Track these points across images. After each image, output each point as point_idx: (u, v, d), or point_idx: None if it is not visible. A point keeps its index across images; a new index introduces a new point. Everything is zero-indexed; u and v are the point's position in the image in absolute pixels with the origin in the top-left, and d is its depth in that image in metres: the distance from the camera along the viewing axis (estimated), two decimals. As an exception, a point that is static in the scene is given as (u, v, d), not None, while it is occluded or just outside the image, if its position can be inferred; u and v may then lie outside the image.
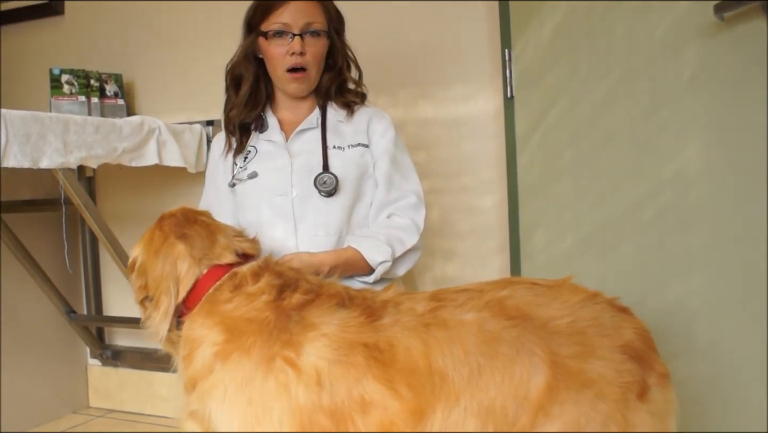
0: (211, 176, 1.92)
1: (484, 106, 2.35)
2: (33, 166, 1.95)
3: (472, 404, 1.17)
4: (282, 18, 1.71)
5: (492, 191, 2.35)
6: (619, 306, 1.30)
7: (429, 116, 2.43)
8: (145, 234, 1.45)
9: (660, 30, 1.88)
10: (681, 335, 1.87)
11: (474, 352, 1.19)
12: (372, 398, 1.17)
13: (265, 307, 1.29)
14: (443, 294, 1.31)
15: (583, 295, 1.28)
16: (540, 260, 2.13)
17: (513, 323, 1.22)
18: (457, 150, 2.40)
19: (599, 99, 2.00)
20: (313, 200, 1.72)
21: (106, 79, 2.73)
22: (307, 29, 1.72)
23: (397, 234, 1.72)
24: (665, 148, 1.89)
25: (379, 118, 1.84)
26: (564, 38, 2.05)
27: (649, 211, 1.92)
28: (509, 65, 2.17)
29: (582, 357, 1.19)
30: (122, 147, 2.26)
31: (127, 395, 3.01)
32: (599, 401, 1.17)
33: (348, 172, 1.74)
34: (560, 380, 1.17)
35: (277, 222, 1.73)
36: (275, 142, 1.80)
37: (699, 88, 1.83)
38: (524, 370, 1.18)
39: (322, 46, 1.76)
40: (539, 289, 1.29)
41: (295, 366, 1.20)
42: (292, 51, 1.71)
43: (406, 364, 1.19)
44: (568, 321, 1.23)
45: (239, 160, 1.82)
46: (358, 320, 1.25)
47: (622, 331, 1.24)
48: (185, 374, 1.31)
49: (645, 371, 1.22)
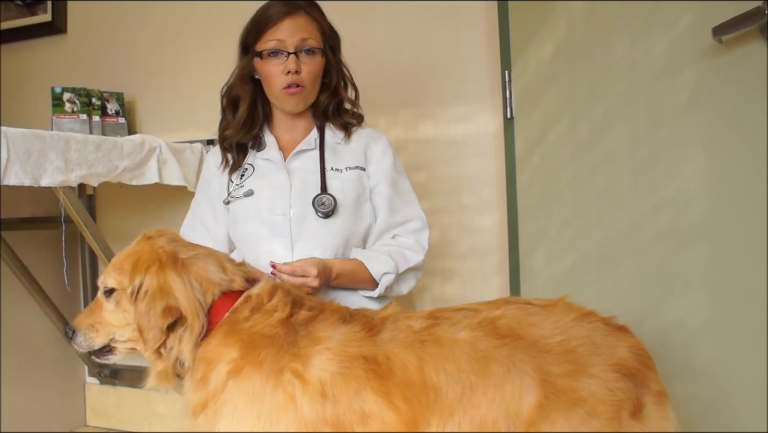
0: (203, 190, 1.90)
1: (484, 126, 2.36)
2: (34, 184, 1.95)
3: (465, 419, 1.20)
4: (276, 35, 1.71)
5: (492, 211, 2.35)
6: (615, 325, 1.32)
7: (429, 136, 2.44)
8: (135, 255, 1.36)
9: (659, 51, 1.90)
10: (680, 355, 1.86)
11: (466, 370, 1.22)
12: (371, 409, 1.20)
13: (278, 323, 1.31)
14: (440, 312, 1.34)
15: (576, 314, 1.30)
16: (540, 279, 2.13)
17: (504, 342, 1.25)
18: (457, 170, 2.40)
19: (598, 119, 2.01)
20: (310, 220, 1.72)
21: (108, 98, 2.74)
22: (302, 46, 1.72)
23: (402, 251, 1.75)
24: (664, 169, 1.90)
25: (376, 140, 1.83)
26: (563, 59, 2.07)
27: (648, 230, 1.93)
28: (509, 86, 2.19)
29: (573, 376, 1.21)
30: (123, 165, 2.26)
31: (124, 414, 2.98)
32: (591, 419, 1.19)
33: (346, 194, 1.74)
34: (551, 399, 1.19)
35: (274, 240, 1.73)
36: (273, 160, 1.80)
37: (698, 109, 1.85)
38: (515, 388, 1.20)
39: (317, 64, 1.75)
40: (532, 309, 1.31)
41: (302, 378, 1.23)
42: (287, 69, 1.71)
43: (403, 377, 1.22)
44: (559, 340, 1.25)
45: (235, 178, 1.81)
46: (358, 335, 1.29)
47: (616, 349, 1.26)
48: (196, 396, 1.29)
49: (639, 389, 1.24)
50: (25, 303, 2.76)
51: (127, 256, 1.38)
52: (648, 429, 1.22)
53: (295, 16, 1.71)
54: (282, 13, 1.71)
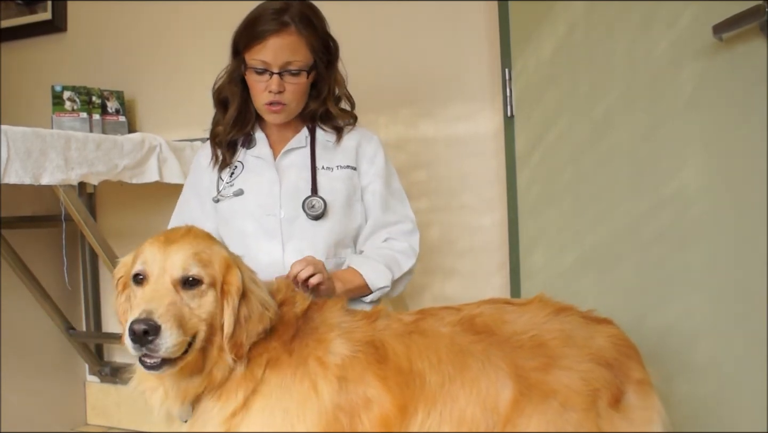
0: (193, 187, 1.88)
1: (485, 124, 2.35)
2: (34, 183, 1.95)
3: (446, 410, 1.23)
4: (261, 55, 1.68)
5: (492, 209, 2.35)
6: (594, 317, 1.35)
7: (429, 135, 2.43)
8: (215, 252, 1.28)
9: (660, 50, 1.90)
10: (680, 353, 1.86)
11: (445, 361, 1.26)
12: (372, 395, 1.24)
13: (301, 313, 1.35)
14: (428, 310, 1.41)
15: (550, 309, 1.34)
16: (540, 278, 2.13)
17: (479, 338, 1.29)
18: (457, 168, 2.40)
19: (599, 118, 2.00)
20: (300, 221, 1.72)
21: (108, 96, 2.74)
22: (286, 68, 1.69)
23: (395, 257, 1.75)
24: (665, 167, 1.90)
25: (368, 140, 1.83)
26: (564, 58, 2.06)
27: (648, 229, 1.93)
28: (509, 84, 2.19)
29: (544, 369, 1.25)
30: (123, 164, 2.26)
31: (125, 413, 2.98)
32: (566, 411, 1.21)
33: (336, 195, 1.74)
34: (524, 393, 1.23)
35: (265, 240, 1.72)
36: (263, 158, 1.79)
37: (698, 107, 1.84)
38: (491, 383, 1.24)
39: (302, 83, 1.73)
40: (510, 307, 1.36)
41: (323, 364, 1.26)
42: (269, 89, 1.70)
43: (395, 363, 1.27)
44: (531, 335, 1.29)
45: (225, 176, 1.81)
46: (361, 322, 1.34)
47: (593, 340, 1.29)
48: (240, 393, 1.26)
49: (618, 377, 1.26)
50: (26, 301, 2.75)
51: (202, 251, 1.25)
52: (630, 419, 1.23)
53: (282, 34, 1.67)
54: (269, 32, 1.67)
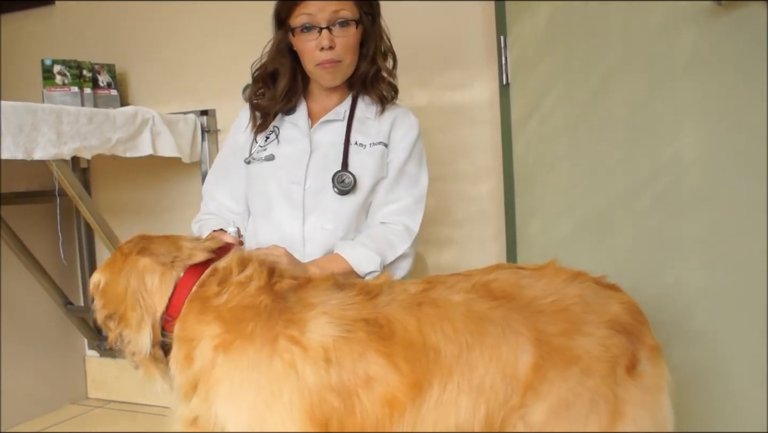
0: (231, 143, 1.89)
1: (480, 92, 2.34)
2: (26, 158, 1.94)
3: (464, 381, 1.19)
4: (307, 9, 1.64)
5: (487, 178, 2.35)
6: (606, 283, 1.33)
7: (424, 103, 2.41)
8: (106, 261, 1.40)
9: (657, 14, 1.87)
10: (677, 322, 1.87)
11: (462, 330, 1.22)
12: (375, 372, 1.19)
13: (258, 292, 1.28)
14: (434, 278, 1.35)
15: (566, 275, 1.31)
16: (536, 246, 2.13)
17: (498, 303, 1.25)
18: (452, 137, 2.39)
19: (595, 85, 1.99)
20: (325, 194, 1.71)
21: (99, 70, 2.71)
22: (335, 19, 1.65)
23: (389, 239, 1.71)
24: (662, 134, 1.88)
25: (403, 119, 1.81)
26: (560, 24, 2.04)
27: (645, 197, 1.92)
28: (505, 52, 2.16)
29: (567, 334, 1.22)
30: (116, 138, 2.25)
31: (125, 386, 3.01)
32: (586, 377, 1.19)
33: (366, 172, 1.72)
34: (546, 359, 1.20)
35: (287, 208, 1.72)
36: (299, 127, 1.78)
37: (697, 73, 1.83)
38: (511, 350, 1.20)
39: (353, 36, 1.69)
40: (524, 272, 1.32)
41: (300, 344, 1.20)
42: (320, 46, 1.66)
43: (404, 339, 1.21)
44: (552, 300, 1.25)
45: (260, 139, 1.81)
46: (356, 299, 1.27)
47: (608, 306, 1.26)
48: (184, 377, 1.27)
49: (634, 344, 1.24)
50: (23, 277, 2.76)
51: None
52: (643, 385, 1.22)
53: None
54: None
